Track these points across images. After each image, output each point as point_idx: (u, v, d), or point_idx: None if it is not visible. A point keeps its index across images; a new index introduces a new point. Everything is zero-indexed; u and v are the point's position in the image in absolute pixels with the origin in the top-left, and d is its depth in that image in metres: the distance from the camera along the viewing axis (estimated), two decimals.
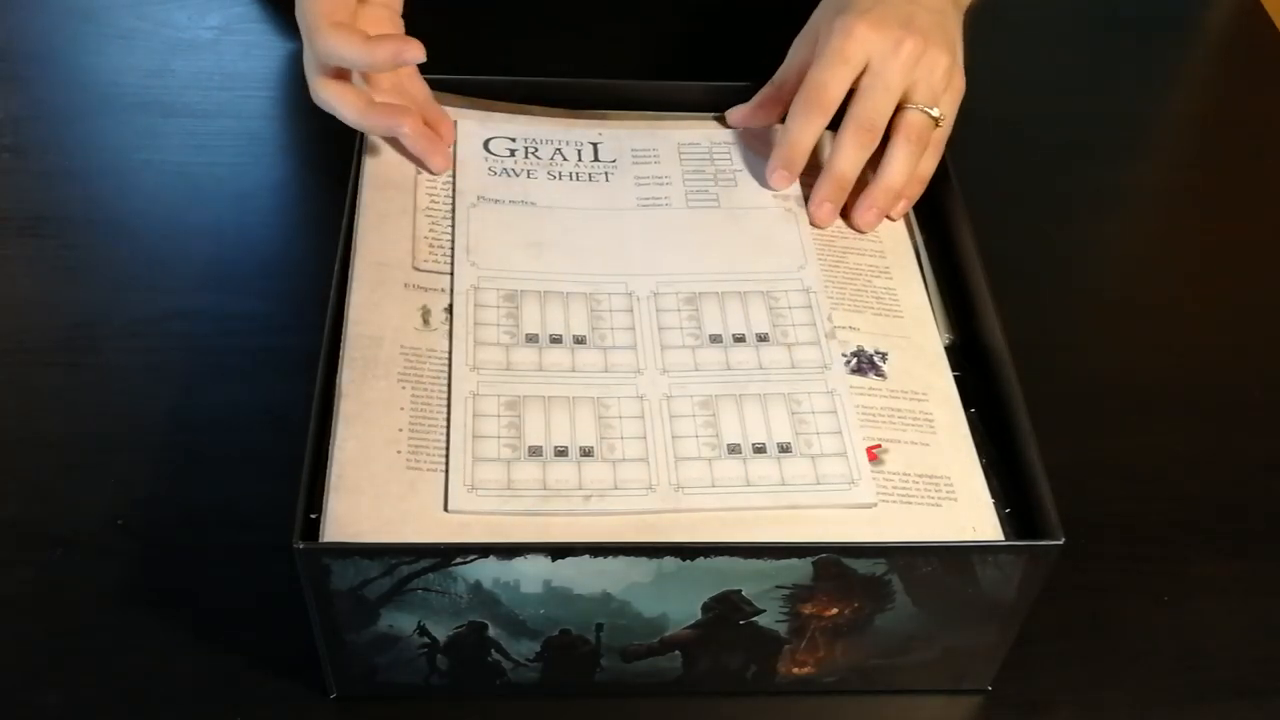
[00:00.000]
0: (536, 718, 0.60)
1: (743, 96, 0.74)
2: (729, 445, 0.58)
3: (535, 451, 0.58)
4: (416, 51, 0.64)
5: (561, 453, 0.58)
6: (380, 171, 0.69)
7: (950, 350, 0.65)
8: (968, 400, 0.62)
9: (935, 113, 0.69)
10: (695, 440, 0.59)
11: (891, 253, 0.69)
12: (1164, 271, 0.84)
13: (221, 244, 0.79)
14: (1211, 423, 0.74)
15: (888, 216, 0.70)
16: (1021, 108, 0.93)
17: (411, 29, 0.70)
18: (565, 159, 0.71)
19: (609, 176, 0.71)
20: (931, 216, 0.72)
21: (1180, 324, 0.80)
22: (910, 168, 0.69)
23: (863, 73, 0.68)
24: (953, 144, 0.72)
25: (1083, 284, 0.82)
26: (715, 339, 0.63)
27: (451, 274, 0.65)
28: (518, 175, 0.70)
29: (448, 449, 0.57)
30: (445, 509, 0.55)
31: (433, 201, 0.68)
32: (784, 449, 0.58)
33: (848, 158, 0.68)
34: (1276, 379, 0.77)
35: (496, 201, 0.69)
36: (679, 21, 0.97)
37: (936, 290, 0.68)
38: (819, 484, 0.57)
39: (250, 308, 0.75)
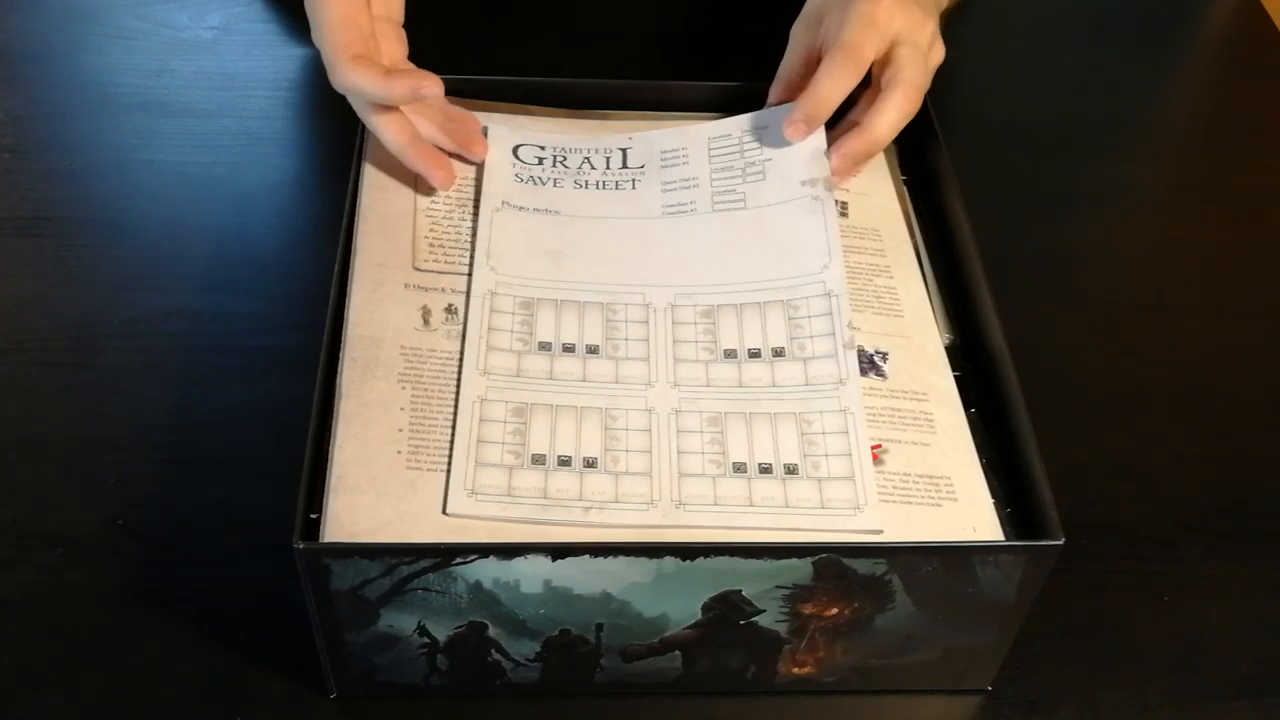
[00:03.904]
0: (536, 718, 0.60)
1: (750, 95, 0.74)
2: (734, 464, 0.58)
3: (538, 459, 0.57)
4: (434, 86, 0.65)
5: (565, 462, 0.57)
6: (380, 172, 0.69)
7: (950, 350, 0.65)
8: (968, 400, 0.62)
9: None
10: (700, 457, 0.58)
11: (891, 252, 0.69)
12: (1164, 271, 0.84)
13: (221, 244, 0.79)
14: (1211, 423, 0.74)
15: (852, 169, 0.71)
16: (1021, 108, 0.93)
17: (413, 30, 0.70)
18: (593, 167, 0.71)
19: (635, 184, 0.70)
20: (932, 216, 0.72)
21: (1180, 324, 0.80)
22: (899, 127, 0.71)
23: (893, 44, 0.69)
24: (952, 143, 0.72)
25: (1083, 284, 0.82)
26: (730, 354, 0.62)
27: (470, 276, 0.64)
28: (544, 183, 0.70)
29: (450, 452, 0.57)
30: (444, 512, 0.55)
31: (433, 201, 0.68)
32: (790, 470, 0.58)
33: (890, 121, 0.69)
34: (1276, 379, 0.77)
35: (521, 209, 0.68)
36: (683, 21, 0.97)
37: (936, 290, 0.68)
38: (823, 508, 0.57)
39: (250, 308, 0.75)
